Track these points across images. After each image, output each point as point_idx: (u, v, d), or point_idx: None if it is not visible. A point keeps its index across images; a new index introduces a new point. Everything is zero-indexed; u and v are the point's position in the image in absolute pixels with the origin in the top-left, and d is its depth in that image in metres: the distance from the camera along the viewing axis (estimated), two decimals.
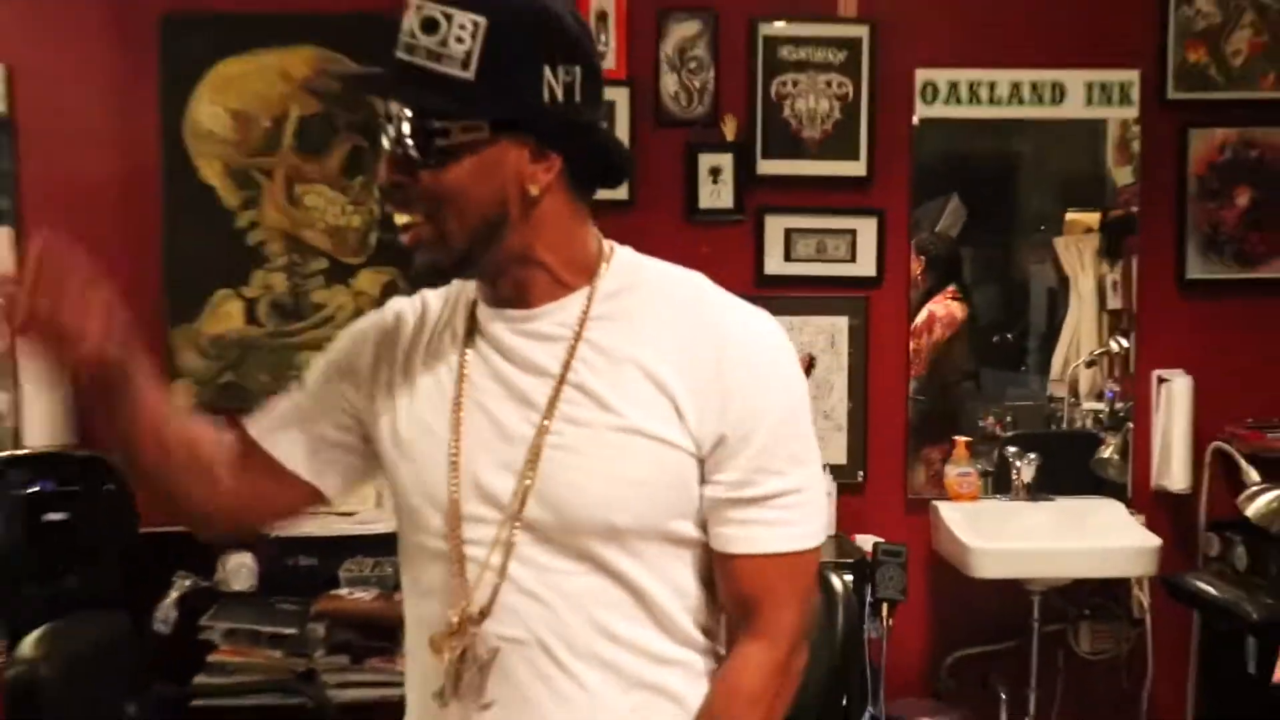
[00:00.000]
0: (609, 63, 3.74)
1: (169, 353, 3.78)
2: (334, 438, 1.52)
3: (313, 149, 3.93)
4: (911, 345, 3.94)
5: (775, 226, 3.87)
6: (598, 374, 1.39)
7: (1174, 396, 3.84)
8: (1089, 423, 4.01)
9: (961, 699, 3.86)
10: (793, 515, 1.43)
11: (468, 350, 1.46)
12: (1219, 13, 3.83)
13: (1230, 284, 3.92)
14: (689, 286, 1.47)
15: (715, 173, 3.86)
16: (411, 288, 1.49)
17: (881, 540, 3.67)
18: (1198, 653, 3.92)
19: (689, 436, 1.37)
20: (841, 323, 3.88)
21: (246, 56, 3.78)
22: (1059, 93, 3.82)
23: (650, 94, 3.82)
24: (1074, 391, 4.02)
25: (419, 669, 1.48)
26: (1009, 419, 4.02)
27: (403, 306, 1.54)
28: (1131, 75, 3.83)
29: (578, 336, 1.41)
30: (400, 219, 1.40)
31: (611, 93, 3.60)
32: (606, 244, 1.46)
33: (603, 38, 3.77)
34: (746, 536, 1.41)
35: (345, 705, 3.29)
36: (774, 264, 3.86)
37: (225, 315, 3.85)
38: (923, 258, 3.96)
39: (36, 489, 3.51)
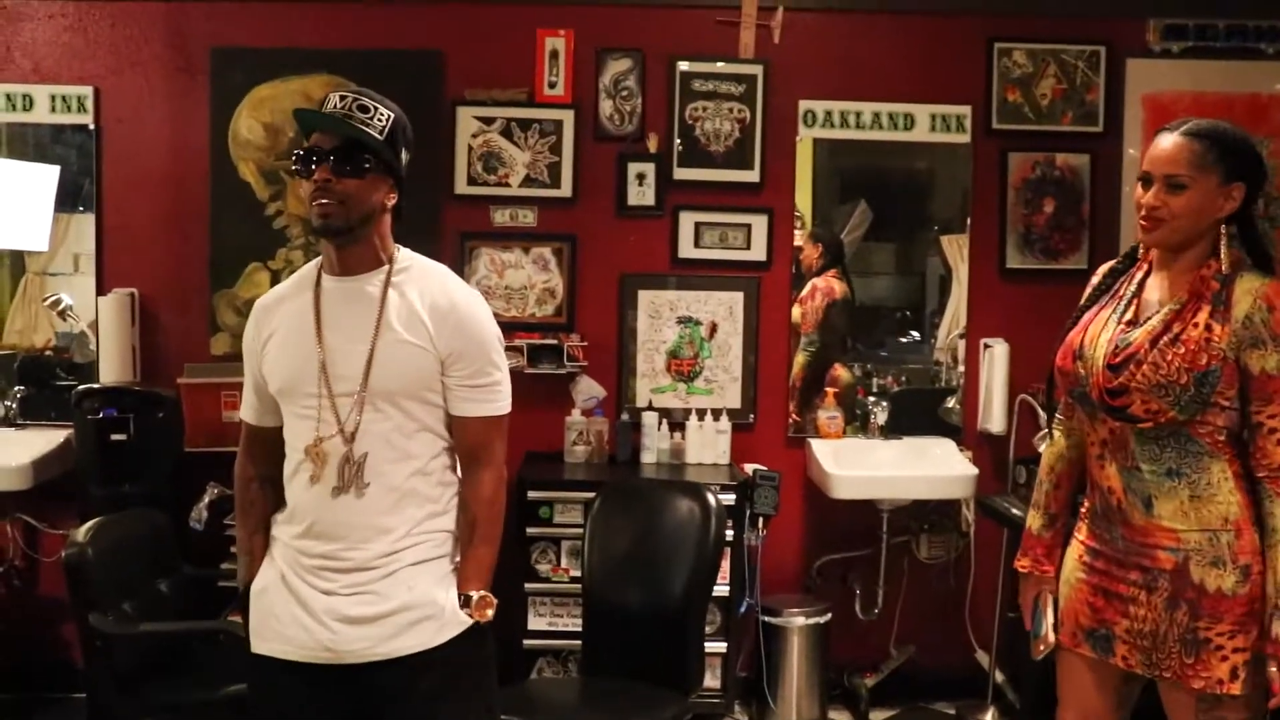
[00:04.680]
0: (559, 90, 4.18)
1: (212, 311, 4.29)
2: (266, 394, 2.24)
3: None
4: (798, 310, 4.39)
5: (687, 220, 4.33)
6: (396, 313, 2.13)
7: (995, 359, 4.31)
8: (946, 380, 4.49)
9: (826, 594, 4.30)
10: (494, 395, 2.21)
11: (320, 303, 2.16)
12: (1031, 64, 4.36)
13: (1039, 273, 4.40)
14: (438, 272, 2.24)
15: (641, 178, 4.31)
16: (319, 237, 2.18)
17: (761, 467, 4.11)
18: (1006, 558, 4.04)
19: (434, 348, 2.14)
20: (739, 297, 4.36)
21: (276, 82, 4.27)
22: (910, 121, 4.32)
23: (591, 116, 4.26)
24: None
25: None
26: (903, 376, 4.51)
27: (263, 302, 2.26)
28: (965, 109, 4.37)
29: (385, 292, 2.15)
30: (320, 200, 2.08)
31: (559, 114, 4.18)
32: (396, 246, 2.22)
33: (555, 71, 4.19)
34: (472, 406, 2.20)
35: None
36: (686, 250, 4.32)
37: (256, 282, 4.32)
38: (819, 245, 4.45)
39: (104, 415, 3.94)
